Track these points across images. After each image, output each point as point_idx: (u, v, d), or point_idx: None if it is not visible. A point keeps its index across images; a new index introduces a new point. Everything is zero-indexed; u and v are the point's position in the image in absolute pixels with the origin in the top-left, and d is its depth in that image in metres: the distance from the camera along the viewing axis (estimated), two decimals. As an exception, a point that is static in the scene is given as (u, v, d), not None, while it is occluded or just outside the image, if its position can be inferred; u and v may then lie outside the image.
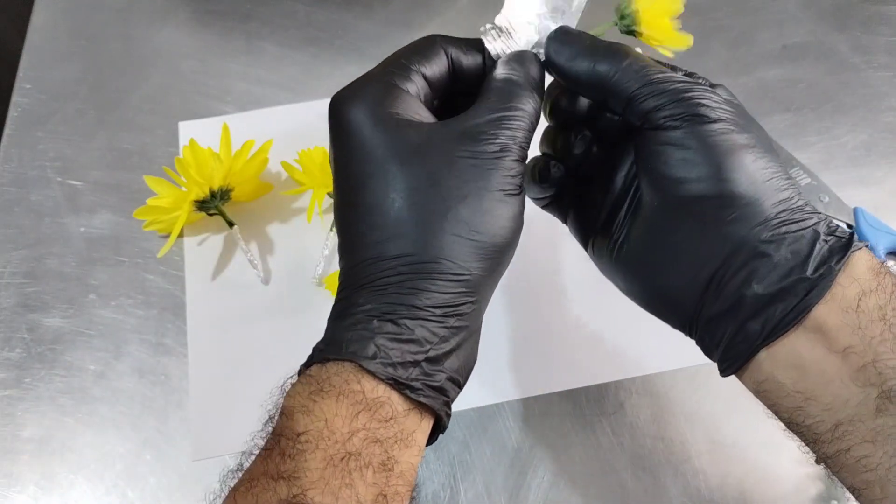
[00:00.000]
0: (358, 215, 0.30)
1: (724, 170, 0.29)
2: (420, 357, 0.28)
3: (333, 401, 0.27)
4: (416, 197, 0.29)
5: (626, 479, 0.43)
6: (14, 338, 0.48)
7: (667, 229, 0.31)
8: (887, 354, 0.27)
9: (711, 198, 0.29)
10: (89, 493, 0.43)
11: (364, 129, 0.30)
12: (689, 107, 0.30)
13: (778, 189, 0.30)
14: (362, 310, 0.29)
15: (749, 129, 0.31)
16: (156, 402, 0.46)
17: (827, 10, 0.61)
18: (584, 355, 0.47)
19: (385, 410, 0.27)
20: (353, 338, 0.28)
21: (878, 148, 0.54)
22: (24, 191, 0.53)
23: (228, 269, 0.50)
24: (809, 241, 0.29)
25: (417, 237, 0.29)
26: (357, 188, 0.30)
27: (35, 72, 0.59)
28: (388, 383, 0.27)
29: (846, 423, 0.27)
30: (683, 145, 0.30)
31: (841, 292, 0.28)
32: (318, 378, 0.28)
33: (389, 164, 0.29)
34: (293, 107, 0.57)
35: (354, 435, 0.26)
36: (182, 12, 0.62)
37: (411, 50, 0.32)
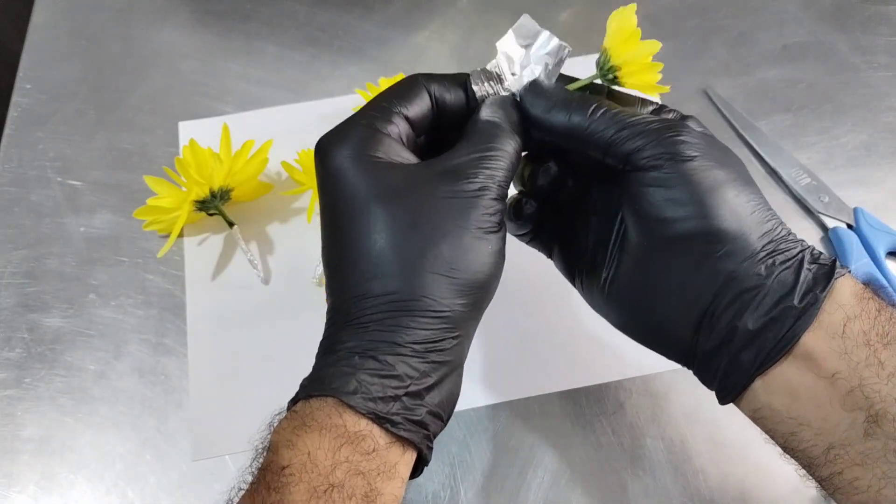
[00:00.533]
0: (342, 255, 0.31)
1: (709, 207, 0.30)
2: (401, 392, 0.29)
3: (316, 434, 0.28)
4: (397, 236, 0.30)
5: (626, 479, 0.43)
6: (14, 338, 0.48)
7: (656, 267, 0.32)
8: (872, 379, 0.27)
9: (699, 235, 0.30)
10: (89, 493, 0.43)
11: (347, 172, 0.31)
12: (667, 146, 0.31)
13: (762, 221, 0.30)
14: (345, 347, 0.29)
15: (727, 163, 0.31)
16: (156, 402, 0.46)
17: (827, 10, 0.61)
18: (584, 355, 0.47)
19: (367, 443, 0.28)
20: (336, 374, 0.29)
21: (878, 148, 0.55)
22: (24, 191, 0.54)
23: (228, 269, 0.50)
24: (795, 271, 0.29)
25: (399, 275, 0.29)
26: (341, 229, 0.31)
27: (35, 72, 0.59)
28: (370, 417, 0.28)
29: (837, 447, 0.28)
30: (666, 185, 0.30)
31: (827, 319, 0.28)
32: (302, 413, 0.29)
33: (371, 205, 0.30)
34: (293, 107, 0.57)
35: (337, 467, 0.27)
36: (182, 12, 0.62)
37: (393, 92, 0.33)
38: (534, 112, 0.33)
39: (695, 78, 0.58)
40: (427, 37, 0.61)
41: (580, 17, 0.62)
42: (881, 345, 0.28)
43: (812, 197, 0.52)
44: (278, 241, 0.51)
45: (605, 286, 0.34)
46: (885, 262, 0.49)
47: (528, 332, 0.47)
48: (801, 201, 0.52)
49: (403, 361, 0.29)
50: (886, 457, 0.27)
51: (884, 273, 0.48)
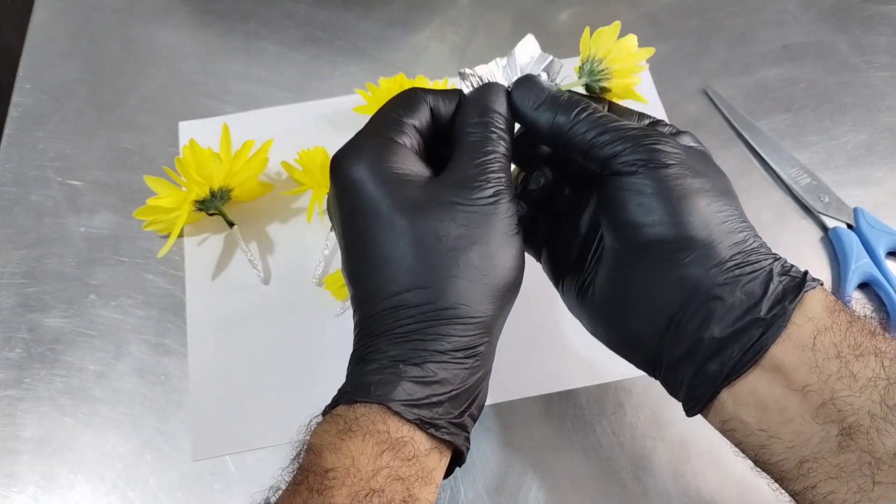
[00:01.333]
0: (370, 267, 0.31)
1: (679, 213, 0.30)
2: (444, 398, 0.30)
3: (360, 440, 0.28)
4: (426, 249, 0.30)
5: (626, 479, 0.43)
6: (14, 338, 0.48)
7: (626, 272, 0.32)
8: (844, 391, 0.27)
9: (667, 241, 0.30)
10: (89, 493, 0.43)
11: (368, 185, 0.31)
12: (644, 152, 0.31)
13: (732, 231, 0.30)
14: (386, 356, 0.30)
15: (704, 174, 0.31)
16: (156, 402, 0.46)
17: (827, 10, 0.61)
18: (585, 355, 0.47)
19: (408, 449, 0.29)
20: (381, 381, 0.30)
21: (878, 148, 0.55)
22: (24, 191, 0.53)
23: (228, 269, 0.50)
24: (763, 282, 0.29)
25: (434, 286, 0.30)
26: (367, 242, 0.31)
27: (35, 72, 0.59)
28: (414, 423, 0.29)
29: (811, 461, 0.28)
30: (640, 190, 0.31)
31: (797, 331, 0.28)
32: (346, 418, 0.29)
33: (396, 220, 0.31)
34: (293, 107, 0.57)
35: (378, 473, 0.28)
36: (182, 12, 0.62)
37: (399, 104, 0.34)
38: (521, 107, 0.34)
39: (695, 78, 0.58)
40: (427, 37, 0.61)
41: (580, 17, 0.62)
42: (853, 356, 0.28)
43: (812, 197, 0.52)
44: (278, 241, 0.51)
45: (580, 290, 0.35)
46: (885, 262, 0.49)
47: (528, 332, 0.47)
48: (801, 201, 0.52)
49: (445, 368, 0.30)
50: (861, 470, 0.27)
51: (884, 273, 0.48)
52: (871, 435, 0.27)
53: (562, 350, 0.47)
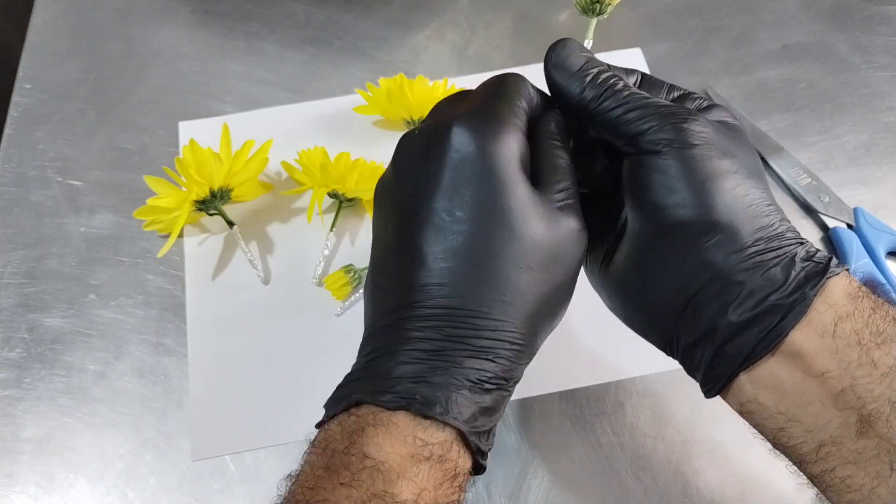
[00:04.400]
0: (440, 257, 0.29)
1: (703, 195, 0.29)
2: (484, 409, 0.29)
3: (427, 467, 0.27)
4: (518, 264, 0.29)
5: (626, 479, 0.43)
6: (14, 338, 0.48)
7: (647, 252, 0.31)
8: (864, 379, 0.27)
9: (690, 224, 0.30)
10: (89, 493, 0.43)
11: (496, 171, 0.29)
12: (671, 131, 0.30)
13: (757, 216, 0.30)
14: (445, 372, 0.28)
15: (733, 154, 0.30)
16: (156, 402, 0.46)
17: (827, 10, 0.61)
18: (585, 355, 0.47)
19: (458, 480, 0.28)
20: (451, 399, 0.28)
21: (878, 148, 0.55)
22: (24, 191, 0.54)
23: (228, 269, 0.50)
24: (785, 268, 0.29)
25: (501, 303, 0.29)
26: (451, 226, 0.29)
27: (35, 72, 0.59)
28: (476, 454, 0.29)
29: (829, 445, 0.28)
30: (664, 171, 0.30)
31: (817, 318, 0.28)
32: (416, 436, 0.27)
33: (508, 221, 0.29)
34: (293, 107, 0.57)
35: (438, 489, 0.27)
36: (182, 12, 0.62)
37: (518, 89, 0.32)
38: (553, 76, 0.32)
39: (695, 78, 0.58)
40: (427, 37, 0.61)
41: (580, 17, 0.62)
42: (874, 344, 0.27)
43: (812, 197, 0.52)
44: (278, 241, 0.51)
45: (601, 265, 0.34)
46: (885, 262, 0.49)
47: (528, 332, 0.47)
48: (801, 201, 0.52)
49: (495, 395, 0.30)
50: (880, 456, 0.27)
51: (884, 273, 0.48)
52: (890, 422, 0.26)
53: (562, 350, 0.47)
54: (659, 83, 0.34)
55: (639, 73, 0.34)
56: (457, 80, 0.57)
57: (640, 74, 0.34)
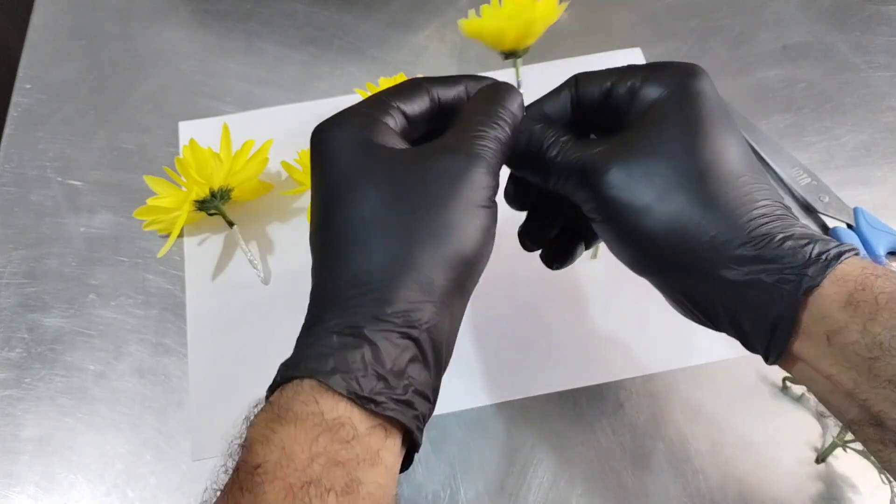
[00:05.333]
0: (329, 233, 0.30)
1: (639, 257, 0.32)
2: (383, 370, 0.27)
3: (292, 427, 0.26)
4: (384, 211, 0.29)
5: (626, 479, 0.43)
6: (14, 338, 0.48)
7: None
8: (866, 385, 0.28)
9: (654, 272, 0.33)
10: (89, 493, 0.43)
11: (341, 152, 0.31)
12: (592, 190, 0.32)
13: (694, 244, 0.30)
14: (326, 326, 0.28)
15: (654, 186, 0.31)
16: (156, 402, 0.46)
17: (827, 10, 0.61)
18: (585, 355, 0.47)
19: (346, 431, 0.26)
20: (313, 354, 0.28)
21: (878, 148, 0.54)
22: (24, 191, 0.54)
23: (228, 269, 0.50)
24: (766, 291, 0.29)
25: (383, 248, 0.29)
26: (329, 207, 0.30)
27: (35, 72, 0.59)
28: (349, 399, 0.26)
29: (855, 425, 0.29)
30: (606, 232, 0.33)
31: (810, 330, 0.29)
32: (278, 404, 0.27)
33: (360, 181, 0.30)
34: (293, 107, 0.57)
35: (314, 460, 0.26)
36: (182, 12, 0.62)
37: (393, 89, 0.34)
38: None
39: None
40: (427, 37, 0.61)
41: (580, 17, 0.62)
42: (871, 358, 0.27)
43: (812, 197, 0.52)
44: (278, 241, 0.51)
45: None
46: (885, 262, 0.49)
47: (528, 332, 0.47)
48: (801, 201, 0.52)
49: (385, 337, 0.27)
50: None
51: (884, 273, 0.48)
52: None
53: (562, 350, 0.47)
54: (600, 77, 0.35)
55: (573, 86, 0.35)
56: (457, 80, 0.57)
57: (575, 84, 0.35)
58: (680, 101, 0.32)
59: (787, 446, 0.43)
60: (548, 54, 0.59)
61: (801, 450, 0.43)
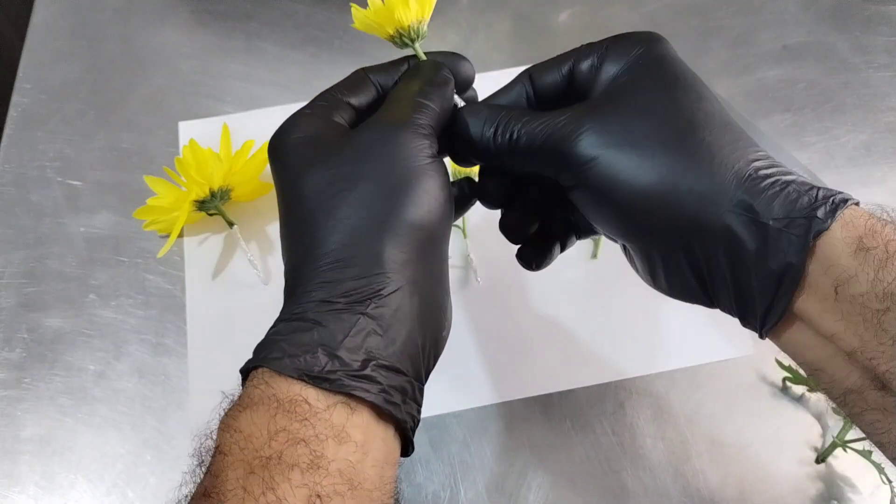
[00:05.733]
0: (284, 229, 0.31)
1: (623, 218, 0.30)
2: (332, 348, 0.26)
3: (249, 412, 0.26)
4: (324, 196, 0.29)
5: (626, 479, 0.43)
6: (14, 338, 0.48)
7: (641, 258, 0.32)
8: (873, 342, 0.26)
9: (629, 238, 0.31)
10: (89, 493, 0.43)
11: (292, 153, 0.31)
12: (562, 158, 0.30)
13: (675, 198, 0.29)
14: (280, 318, 0.29)
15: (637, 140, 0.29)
16: (156, 402, 0.46)
17: (827, 10, 0.61)
18: (584, 355, 0.47)
19: (301, 408, 0.26)
20: (263, 344, 0.28)
21: (878, 148, 0.55)
22: (24, 191, 0.54)
23: (228, 269, 0.50)
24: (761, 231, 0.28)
25: (327, 233, 0.28)
26: (283, 205, 0.31)
27: (35, 72, 0.59)
28: (302, 380, 0.26)
29: (853, 393, 0.27)
30: (587, 200, 0.31)
31: (815, 281, 0.27)
32: (239, 395, 0.28)
33: (304, 173, 0.30)
34: (293, 107, 0.56)
35: (273, 439, 0.25)
36: (182, 12, 0.62)
37: (339, 84, 0.34)
38: (465, 140, 0.34)
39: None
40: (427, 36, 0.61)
41: (580, 17, 0.62)
42: (881, 310, 0.26)
43: (812, 197, 0.52)
44: (278, 242, 0.51)
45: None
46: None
47: (528, 332, 0.47)
48: (801, 201, 0.52)
49: (335, 316, 0.27)
50: None
51: (884, 273, 0.48)
52: None
53: (562, 350, 0.47)
54: (555, 63, 0.34)
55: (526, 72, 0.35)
56: (457, 80, 0.57)
57: (527, 73, 0.35)
58: (647, 65, 0.31)
59: (787, 446, 0.43)
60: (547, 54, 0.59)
61: (801, 450, 0.43)
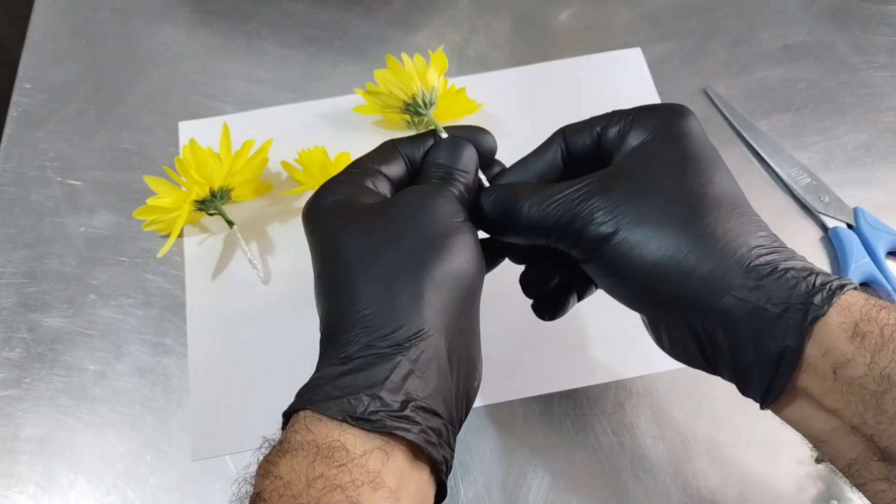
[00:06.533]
0: (322, 285, 0.32)
1: (643, 288, 0.31)
2: (375, 389, 0.28)
3: (289, 457, 0.27)
4: (362, 253, 0.31)
5: (626, 479, 0.43)
6: (14, 338, 0.48)
7: (653, 325, 0.34)
8: (873, 420, 0.27)
9: (637, 309, 0.33)
10: (89, 493, 0.43)
11: (326, 217, 0.33)
12: (579, 236, 0.32)
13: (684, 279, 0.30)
14: (323, 363, 0.30)
15: (646, 220, 0.31)
16: (156, 402, 0.46)
17: (827, 10, 0.61)
18: (584, 355, 0.47)
19: (340, 454, 0.26)
20: (308, 387, 0.29)
21: (878, 148, 0.54)
22: (24, 191, 0.53)
23: (228, 269, 0.50)
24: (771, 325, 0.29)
25: (366, 287, 0.30)
26: (321, 263, 0.32)
27: (35, 72, 0.59)
28: (344, 422, 0.27)
29: (857, 464, 0.28)
30: (597, 272, 0.33)
31: (815, 364, 0.28)
32: (280, 439, 0.28)
33: (342, 234, 0.32)
34: (293, 107, 0.57)
35: (311, 485, 0.26)
36: (182, 12, 0.62)
37: (371, 155, 0.36)
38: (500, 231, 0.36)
39: (695, 78, 0.58)
40: (427, 37, 0.61)
41: (580, 17, 0.62)
42: (879, 391, 0.26)
43: (812, 197, 0.52)
44: (278, 241, 0.51)
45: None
46: (885, 262, 0.49)
47: (528, 332, 0.47)
48: (801, 201, 0.52)
49: (376, 359, 0.29)
50: None
51: (884, 273, 0.48)
52: None
53: (562, 350, 0.47)
54: (587, 125, 0.35)
55: (560, 132, 0.36)
56: (457, 80, 0.57)
57: (562, 133, 0.36)
58: (666, 140, 0.32)
59: (787, 446, 0.43)
60: (547, 54, 0.59)
61: (801, 450, 0.43)
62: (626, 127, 0.33)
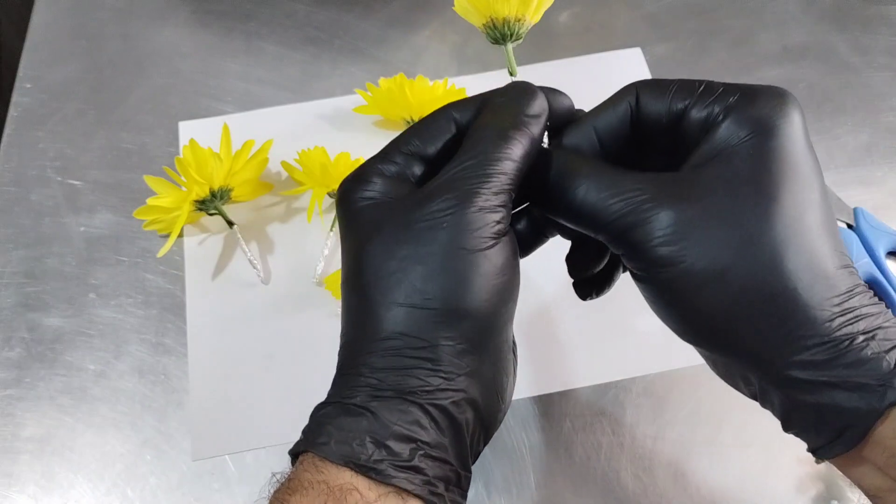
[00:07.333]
0: (344, 291, 0.29)
1: (698, 331, 0.28)
2: (382, 437, 0.26)
3: (300, 496, 0.25)
4: (379, 268, 0.27)
5: (626, 479, 0.43)
6: (14, 338, 0.48)
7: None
8: None
9: (687, 339, 0.29)
10: (89, 493, 0.43)
11: (356, 211, 0.29)
12: (637, 248, 0.27)
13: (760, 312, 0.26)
14: (329, 399, 0.28)
15: (719, 259, 0.26)
16: (156, 402, 0.46)
17: (827, 10, 0.61)
18: (585, 355, 0.47)
19: (353, 497, 0.25)
20: (311, 426, 0.27)
21: (878, 148, 0.55)
22: (24, 191, 0.53)
23: (228, 269, 0.50)
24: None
25: (381, 309, 0.27)
26: (346, 262, 0.29)
27: (35, 72, 0.59)
28: (349, 468, 0.25)
29: None
30: (650, 294, 0.28)
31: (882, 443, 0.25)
32: (290, 475, 0.27)
33: (367, 236, 0.28)
34: (293, 107, 0.57)
35: None
36: (182, 12, 0.62)
37: (413, 130, 0.31)
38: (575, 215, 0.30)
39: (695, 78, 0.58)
40: (427, 37, 0.61)
41: (580, 17, 0.62)
42: None
43: (812, 197, 0.52)
44: (278, 241, 0.51)
45: None
46: (885, 262, 0.49)
47: (528, 331, 0.47)
48: (801, 201, 0.52)
49: (384, 405, 0.26)
50: None
51: (884, 273, 0.48)
52: None
53: (562, 350, 0.47)
54: (670, 92, 0.29)
55: (633, 87, 0.30)
56: (457, 80, 0.57)
57: (634, 90, 0.30)
58: (761, 153, 0.26)
59: (787, 446, 0.43)
60: (547, 54, 0.59)
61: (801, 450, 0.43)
62: (719, 116, 0.27)
